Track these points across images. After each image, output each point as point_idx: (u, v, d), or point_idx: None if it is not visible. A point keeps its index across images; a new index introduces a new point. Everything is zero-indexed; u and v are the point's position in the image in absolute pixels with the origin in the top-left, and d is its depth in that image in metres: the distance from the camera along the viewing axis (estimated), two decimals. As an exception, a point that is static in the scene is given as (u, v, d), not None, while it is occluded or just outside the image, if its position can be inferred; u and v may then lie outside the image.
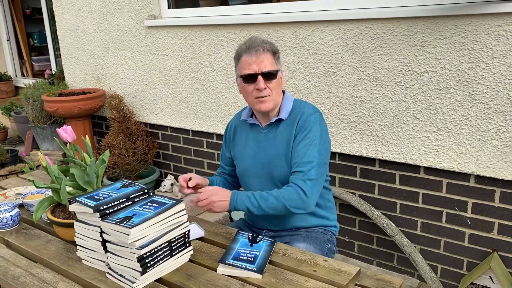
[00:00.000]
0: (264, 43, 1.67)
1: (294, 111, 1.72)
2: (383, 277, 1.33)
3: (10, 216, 1.66)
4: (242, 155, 1.82)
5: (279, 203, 1.58)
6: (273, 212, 1.60)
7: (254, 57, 1.64)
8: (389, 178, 2.43)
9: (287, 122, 1.71)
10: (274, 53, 1.69)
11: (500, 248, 2.18)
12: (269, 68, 1.65)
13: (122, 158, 3.23)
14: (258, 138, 1.77)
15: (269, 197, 1.59)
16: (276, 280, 1.29)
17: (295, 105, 1.75)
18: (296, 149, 1.65)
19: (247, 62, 1.65)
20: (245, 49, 1.67)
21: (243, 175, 1.84)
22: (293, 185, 1.61)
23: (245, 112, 1.83)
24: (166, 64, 3.24)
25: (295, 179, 1.61)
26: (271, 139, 1.73)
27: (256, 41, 1.67)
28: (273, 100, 1.68)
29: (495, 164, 2.08)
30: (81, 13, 3.71)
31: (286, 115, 1.72)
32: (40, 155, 1.59)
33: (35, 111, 3.88)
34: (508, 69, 1.96)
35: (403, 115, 2.28)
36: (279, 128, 1.72)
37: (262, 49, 1.65)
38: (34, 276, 1.36)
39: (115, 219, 1.26)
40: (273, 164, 1.71)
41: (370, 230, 2.58)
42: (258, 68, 1.64)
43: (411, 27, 2.16)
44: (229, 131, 1.91)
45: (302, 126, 1.66)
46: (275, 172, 1.71)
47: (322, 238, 1.77)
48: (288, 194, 1.59)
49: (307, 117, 1.67)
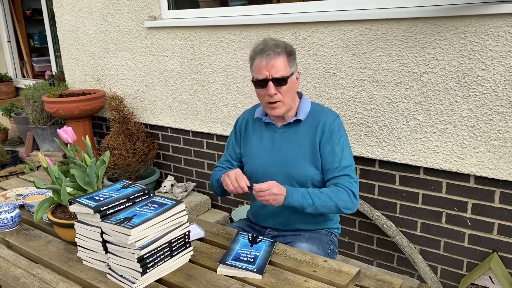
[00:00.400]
0: (276, 47, 1.64)
1: (313, 113, 1.74)
2: (383, 278, 1.34)
3: (10, 216, 1.67)
4: (254, 152, 1.81)
5: (332, 202, 1.62)
6: (323, 210, 1.64)
7: (265, 62, 1.63)
8: (389, 179, 2.43)
9: (307, 124, 1.72)
10: (289, 55, 1.67)
11: (500, 248, 2.18)
12: (280, 73, 1.63)
13: (122, 159, 3.24)
14: (274, 137, 1.77)
15: (323, 196, 1.62)
16: (276, 281, 1.29)
17: (313, 107, 1.77)
18: (335, 153, 1.68)
19: (259, 66, 1.65)
20: (258, 52, 1.66)
21: (253, 173, 1.81)
22: (343, 187, 1.65)
23: (259, 109, 1.82)
24: (166, 65, 3.24)
25: (343, 182, 1.66)
26: (289, 139, 1.74)
27: (268, 44, 1.66)
28: (285, 105, 1.68)
29: (494, 165, 2.08)
30: (82, 14, 3.72)
31: (305, 116, 1.73)
32: (40, 156, 1.59)
33: (36, 112, 3.88)
34: (508, 70, 1.97)
35: (403, 116, 2.28)
36: (299, 129, 1.73)
37: (274, 53, 1.63)
38: (35, 277, 1.37)
39: (115, 220, 1.27)
40: (291, 164, 1.71)
41: (370, 230, 2.58)
42: (268, 73, 1.63)
43: (411, 28, 2.17)
44: (239, 127, 1.89)
45: (332, 131, 1.69)
46: (294, 172, 1.71)
47: (325, 239, 1.77)
48: (340, 194, 1.63)
49: (333, 121, 1.71)
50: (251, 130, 1.84)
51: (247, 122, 1.87)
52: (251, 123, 1.85)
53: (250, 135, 1.84)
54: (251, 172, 1.83)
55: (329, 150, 1.68)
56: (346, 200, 1.64)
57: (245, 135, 1.86)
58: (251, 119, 1.86)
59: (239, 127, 1.89)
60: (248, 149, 1.83)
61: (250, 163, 1.82)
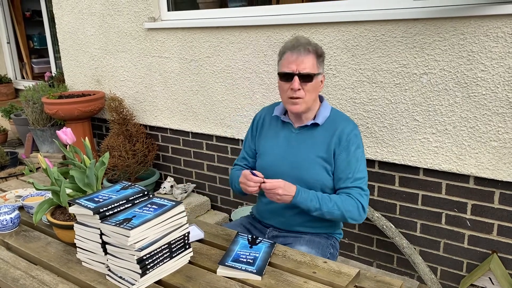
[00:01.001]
0: (308, 44, 1.66)
1: (332, 119, 1.74)
2: (383, 279, 1.34)
3: (10, 218, 1.66)
4: (268, 150, 1.81)
5: (338, 211, 1.63)
6: (329, 217, 1.66)
7: (295, 56, 1.65)
8: (389, 180, 2.43)
9: (324, 129, 1.72)
10: (319, 56, 1.69)
11: (499, 249, 2.18)
12: (307, 70, 1.64)
13: (122, 160, 3.24)
14: (290, 137, 1.77)
15: (331, 203, 1.63)
16: (276, 282, 1.29)
17: (333, 113, 1.76)
18: (349, 163, 1.67)
19: (287, 60, 1.66)
20: (289, 47, 1.67)
21: (264, 170, 1.79)
22: (353, 198, 1.65)
23: (278, 107, 1.83)
24: (166, 66, 3.24)
25: (354, 193, 1.66)
26: (304, 141, 1.74)
27: (301, 41, 1.68)
28: (305, 102, 1.68)
29: (494, 166, 2.08)
30: (81, 15, 3.72)
31: (323, 121, 1.73)
32: (40, 157, 1.59)
33: (35, 114, 3.88)
34: (507, 71, 1.97)
35: (402, 117, 2.29)
36: (316, 133, 1.73)
37: (305, 50, 1.65)
38: (34, 278, 1.37)
39: (114, 221, 1.26)
40: (304, 166, 1.71)
41: (370, 231, 2.58)
42: (296, 68, 1.64)
43: (410, 29, 2.17)
44: (256, 123, 1.89)
45: (350, 141, 1.68)
46: (306, 175, 1.70)
47: (325, 243, 1.77)
48: (348, 205, 1.64)
49: (351, 131, 1.70)
50: (267, 127, 1.85)
51: (264, 119, 1.87)
52: (268, 120, 1.86)
53: (266, 132, 1.85)
54: (261, 169, 1.82)
55: (344, 159, 1.68)
56: (354, 212, 1.65)
57: (261, 132, 1.86)
58: (269, 117, 1.86)
59: (256, 124, 1.89)
60: (262, 146, 1.84)
61: (262, 160, 1.82)
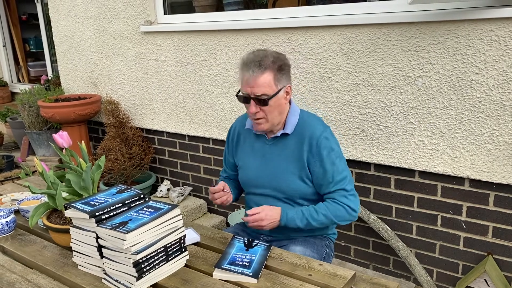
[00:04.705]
0: (262, 61, 1.55)
1: (301, 125, 1.69)
2: (379, 281, 1.34)
3: (5, 222, 1.66)
4: (246, 164, 1.79)
5: (327, 220, 1.64)
6: (320, 227, 1.67)
7: (247, 77, 1.56)
8: (384, 182, 2.44)
9: (294, 137, 1.69)
10: (278, 70, 1.57)
11: (495, 251, 2.19)
12: (263, 91, 1.55)
13: (118, 164, 3.23)
14: (264, 149, 1.75)
15: (318, 216, 1.63)
16: (272, 285, 1.30)
17: (301, 118, 1.70)
18: (325, 169, 1.64)
19: (242, 81, 1.60)
20: (244, 64, 1.59)
21: (246, 184, 1.82)
22: (338, 203, 1.64)
23: (249, 120, 1.76)
24: (162, 69, 3.25)
25: (338, 197, 1.65)
26: (278, 152, 1.72)
27: (255, 59, 1.56)
28: (269, 121, 1.63)
29: (489, 168, 2.10)
30: (77, 19, 3.72)
31: (292, 129, 1.69)
32: (36, 160, 1.59)
33: (31, 117, 3.87)
34: (501, 74, 1.98)
35: (397, 120, 2.30)
36: (287, 143, 1.70)
37: (258, 68, 1.54)
38: (30, 282, 1.36)
39: (110, 225, 1.27)
40: (281, 178, 1.70)
41: (366, 234, 2.59)
42: (251, 90, 1.57)
43: (405, 32, 2.18)
44: (231, 136, 1.86)
45: (320, 146, 1.63)
46: (284, 186, 1.69)
47: (320, 243, 1.77)
48: (336, 211, 1.64)
49: (320, 135, 1.64)
50: (242, 140, 1.83)
51: (239, 132, 1.84)
52: (242, 133, 1.83)
53: (241, 146, 1.83)
54: (243, 182, 1.84)
55: (319, 166, 1.65)
56: (343, 215, 1.65)
57: (237, 145, 1.84)
58: (242, 129, 1.82)
59: (231, 138, 1.87)
60: (240, 160, 1.83)
61: (242, 174, 1.82)
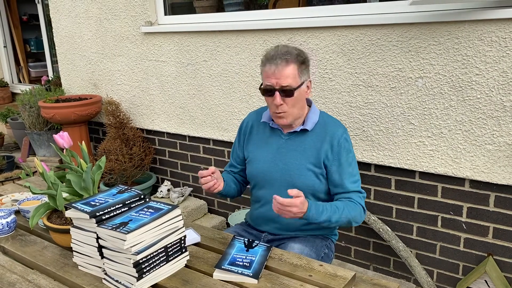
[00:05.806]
0: (287, 54, 1.59)
1: (321, 124, 1.72)
2: (379, 282, 1.34)
3: (6, 222, 1.66)
4: (257, 157, 1.79)
5: (346, 219, 1.65)
6: (335, 225, 1.68)
7: (273, 69, 1.59)
8: (385, 183, 2.44)
9: (314, 134, 1.71)
10: (301, 64, 1.62)
11: (495, 252, 2.19)
12: (288, 83, 1.59)
13: (118, 164, 3.23)
14: (279, 143, 1.75)
15: (338, 212, 1.62)
16: (272, 285, 1.30)
17: (322, 118, 1.75)
18: (343, 169, 1.68)
19: (267, 73, 1.62)
20: (268, 58, 1.62)
21: (254, 177, 1.80)
22: (356, 203, 1.67)
23: (266, 113, 1.79)
24: (163, 70, 3.25)
25: (355, 197, 1.68)
26: (294, 147, 1.72)
27: (279, 51, 1.60)
28: (291, 115, 1.66)
29: (489, 169, 2.10)
30: (78, 19, 3.72)
31: (312, 126, 1.71)
32: (36, 161, 1.59)
33: (32, 117, 3.88)
34: (501, 75, 1.98)
35: (398, 120, 2.30)
36: (305, 139, 1.71)
37: (284, 61, 1.58)
38: (30, 283, 1.36)
39: (111, 225, 1.27)
40: (295, 173, 1.70)
41: (366, 235, 2.59)
42: (276, 82, 1.59)
43: (405, 33, 2.18)
44: (244, 130, 1.87)
45: (341, 146, 1.67)
46: (297, 181, 1.69)
47: (320, 243, 1.77)
48: (353, 211, 1.66)
49: (341, 135, 1.69)
50: (255, 134, 1.83)
51: (252, 125, 1.85)
52: (255, 127, 1.84)
53: (254, 139, 1.83)
54: (251, 176, 1.82)
55: (338, 166, 1.68)
56: (357, 216, 1.67)
57: (249, 138, 1.84)
58: (256, 123, 1.83)
59: (243, 132, 1.87)
60: (251, 153, 1.82)
61: (252, 167, 1.81)
